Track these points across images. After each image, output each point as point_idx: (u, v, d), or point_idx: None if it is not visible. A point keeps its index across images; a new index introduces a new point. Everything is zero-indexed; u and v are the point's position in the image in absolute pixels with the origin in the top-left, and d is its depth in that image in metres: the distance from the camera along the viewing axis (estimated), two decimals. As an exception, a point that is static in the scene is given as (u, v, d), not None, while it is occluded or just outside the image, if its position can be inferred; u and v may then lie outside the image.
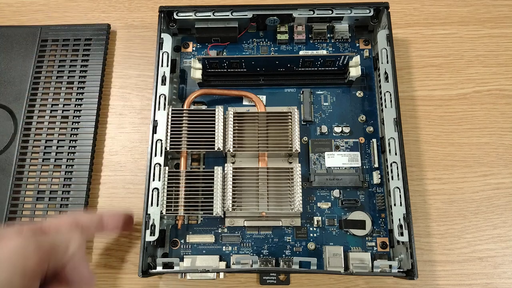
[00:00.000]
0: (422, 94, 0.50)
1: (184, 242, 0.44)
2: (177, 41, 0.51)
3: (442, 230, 0.45)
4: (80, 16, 0.55)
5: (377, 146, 0.46)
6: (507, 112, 0.49)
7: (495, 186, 0.46)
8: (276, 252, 0.43)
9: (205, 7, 0.48)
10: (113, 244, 0.45)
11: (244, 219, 0.44)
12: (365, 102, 0.48)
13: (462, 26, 0.53)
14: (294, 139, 0.43)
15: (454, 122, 0.49)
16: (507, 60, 0.51)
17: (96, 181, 0.47)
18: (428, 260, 0.43)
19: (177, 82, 0.49)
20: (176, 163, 0.46)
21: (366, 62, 0.50)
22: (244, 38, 0.51)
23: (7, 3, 0.56)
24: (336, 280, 0.43)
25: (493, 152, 0.47)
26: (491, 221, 0.45)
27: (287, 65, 0.47)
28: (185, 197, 0.42)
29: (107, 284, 0.44)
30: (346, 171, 0.45)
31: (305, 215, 0.44)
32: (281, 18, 0.49)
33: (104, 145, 0.49)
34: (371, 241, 0.43)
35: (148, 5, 0.55)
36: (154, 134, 0.43)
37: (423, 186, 0.46)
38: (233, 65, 0.46)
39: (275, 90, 0.49)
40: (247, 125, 0.44)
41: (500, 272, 0.43)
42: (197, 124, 0.44)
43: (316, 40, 0.50)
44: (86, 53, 0.51)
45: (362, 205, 0.44)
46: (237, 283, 0.43)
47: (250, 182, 0.42)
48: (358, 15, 0.48)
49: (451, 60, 0.51)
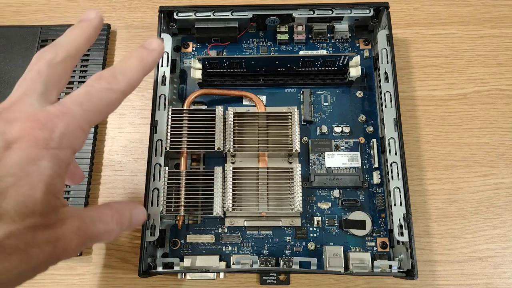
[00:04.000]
0: (422, 94, 0.50)
1: (184, 242, 0.44)
2: (177, 41, 0.51)
3: (442, 230, 0.45)
4: (80, 16, 0.54)
5: (377, 146, 0.46)
6: (507, 112, 0.49)
7: (495, 186, 0.46)
8: (276, 252, 0.43)
9: (205, 7, 0.48)
10: (113, 244, 0.45)
11: (244, 219, 0.44)
12: (365, 102, 0.48)
13: (462, 26, 0.53)
14: (294, 139, 0.43)
15: (454, 122, 0.49)
16: (507, 60, 0.51)
17: (96, 181, 0.47)
18: (428, 260, 0.43)
19: (177, 82, 0.49)
20: (176, 163, 0.46)
21: (366, 62, 0.50)
22: (244, 38, 0.51)
23: (7, 3, 0.56)
24: (336, 280, 0.43)
25: (493, 152, 0.47)
26: (491, 221, 0.45)
27: (287, 65, 0.47)
28: (185, 197, 0.42)
29: (107, 284, 0.44)
30: (346, 171, 0.45)
31: (305, 215, 0.44)
32: (281, 18, 0.49)
33: (104, 145, 0.49)
34: (371, 241, 0.43)
35: (148, 5, 0.55)
36: (154, 134, 0.43)
37: (423, 186, 0.46)
38: (233, 65, 0.46)
39: (275, 90, 0.49)
40: (247, 125, 0.44)
41: (500, 272, 0.43)
42: (197, 124, 0.44)
43: (316, 40, 0.50)
44: (86, 53, 0.51)
45: (362, 205, 0.44)
46: (237, 283, 0.43)
47: (250, 182, 0.42)
48: (358, 15, 0.48)
49: (451, 60, 0.51)
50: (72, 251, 0.24)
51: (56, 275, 0.44)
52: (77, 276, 0.44)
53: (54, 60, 0.26)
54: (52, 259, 0.23)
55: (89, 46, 0.29)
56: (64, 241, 0.23)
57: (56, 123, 0.23)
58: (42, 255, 0.22)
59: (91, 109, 0.25)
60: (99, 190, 0.47)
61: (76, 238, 0.24)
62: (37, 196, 0.22)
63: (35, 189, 0.22)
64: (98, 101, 0.25)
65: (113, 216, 0.27)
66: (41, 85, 0.25)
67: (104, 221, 0.26)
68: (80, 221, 0.24)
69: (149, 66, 0.29)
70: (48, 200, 0.22)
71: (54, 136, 0.23)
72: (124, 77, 0.27)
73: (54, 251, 0.23)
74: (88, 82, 0.26)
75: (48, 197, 0.23)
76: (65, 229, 0.23)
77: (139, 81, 0.28)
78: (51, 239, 0.23)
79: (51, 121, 0.23)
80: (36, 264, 0.22)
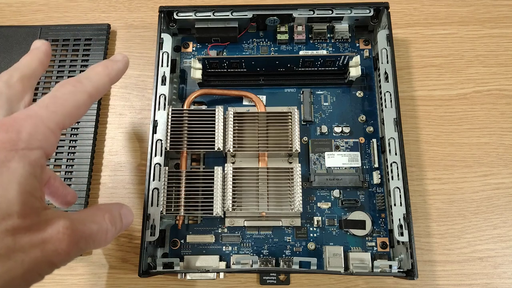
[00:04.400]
0: (422, 94, 0.50)
1: (184, 242, 0.44)
2: (177, 41, 0.51)
3: (442, 230, 0.45)
4: (80, 16, 0.55)
5: (377, 146, 0.46)
6: (507, 112, 0.49)
7: (495, 186, 0.46)
8: (276, 252, 0.43)
9: (205, 7, 0.48)
10: (113, 244, 0.45)
11: (244, 219, 0.44)
12: (365, 102, 0.48)
13: (462, 26, 0.53)
14: (294, 139, 0.43)
15: (454, 122, 0.49)
16: (507, 60, 0.51)
17: (96, 181, 0.47)
18: (428, 260, 0.43)
19: (177, 82, 0.49)
20: (176, 163, 0.46)
21: (366, 62, 0.50)
22: (244, 38, 0.51)
23: (7, 3, 0.56)
24: (336, 280, 0.43)
25: (493, 152, 0.47)
26: (491, 221, 0.45)
27: (287, 65, 0.47)
28: (185, 197, 0.42)
29: (107, 284, 0.44)
30: (346, 171, 0.45)
31: (305, 215, 0.44)
32: (281, 18, 0.49)
33: (104, 145, 0.49)
34: (371, 241, 0.43)
35: (148, 5, 0.55)
36: (154, 134, 0.43)
37: (423, 186, 0.46)
38: (233, 65, 0.46)
39: (275, 90, 0.49)
40: (247, 125, 0.44)
41: (500, 272, 0.43)
42: (197, 124, 0.44)
43: (316, 40, 0.50)
44: (86, 53, 0.51)
45: (362, 205, 0.44)
46: (237, 283, 0.43)
47: (250, 182, 0.42)
48: (358, 15, 0.48)
49: (451, 60, 0.51)
50: (64, 253, 0.23)
51: (56, 275, 0.44)
52: (77, 276, 0.44)
53: (10, 81, 0.28)
54: (43, 264, 0.22)
55: (45, 67, 0.31)
56: (53, 243, 0.22)
57: (23, 125, 0.23)
58: (28, 260, 0.21)
59: (58, 110, 0.25)
60: (99, 190, 0.47)
61: (67, 238, 0.23)
62: (10, 196, 0.21)
63: (8, 189, 0.21)
64: (64, 102, 0.26)
65: (105, 215, 0.27)
66: (4, 101, 0.27)
67: (96, 221, 0.26)
68: (69, 220, 0.23)
69: (114, 73, 0.30)
70: (24, 200, 0.22)
71: (22, 136, 0.23)
72: (89, 81, 0.28)
73: (43, 255, 0.22)
74: (54, 88, 0.27)
75: (24, 197, 0.22)
76: (51, 230, 0.22)
77: (105, 87, 0.29)
78: (35, 242, 0.22)
79: (17, 123, 0.23)
80: (24, 271, 0.21)
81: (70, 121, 0.26)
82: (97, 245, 0.26)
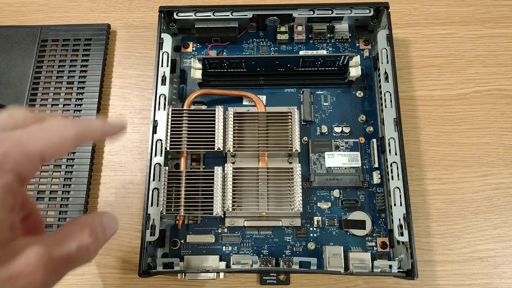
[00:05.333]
0: (422, 94, 0.50)
1: (184, 242, 0.44)
2: (177, 41, 0.51)
3: (442, 230, 0.44)
4: (80, 16, 0.55)
5: (377, 146, 0.46)
6: (507, 112, 0.49)
7: (495, 186, 0.46)
8: (276, 252, 0.43)
9: (205, 7, 0.48)
10: (113, 244, 0.45)
11: (244, 219, 0.44)
12: (365, 102, 0.48)
13: (462, 26, 0.53)
14: (294, 139, 0.43)
15: (454, 122, 0.49)
16: (507, 60, 0.51)
17: (96, 181, 0.47)
18: (428, 260, 0.43)
19: (177, 82, 0.49)
20: (176, 163, 0.46)
21: (366, 62, 0.50)
22: (244, 38, 0.51)
23: (7, 3, 0.56)
24: (336, 280, 0.43)
25: (493, 152, 0.47)
26: (491, 221, 0.45)
27: (287, 65, 0.47)
28: (185, 197, 0.42)
29: (107, 284, 0.44)
30: (346, 171, 0.45)
31: (305, 215, 0.44)
32: (281, 18, 0.49)
33: (104, 145, 0.49)
34: (371, 241, 0.43)
35: (148, 5, 0.55)
36: (154, 134, 0.43)
37: (423, 186, 0.46)
38: (233, 65, 0.46)
39: (275, 90, 0.49)
40: (247, 125, 0.44)
41: (500, 272, 0.43)
42: (197, 124, 0.44)
43: (316, 40, 0.50)
44: (86, 53, 0.51)
45: (362, 205, 0.44)
46: (237, 283, 0.43)
47: (250, 182, 0.42)
48: (358, 15, 0.48)
49: (451, 60, 0.51)
50: (40, 285, 0.20)
51: (56, 275, 0.44)
52: (77, 276, 0.44)
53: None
54: None
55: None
56: (24, 277, 0.19)
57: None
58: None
59: (41, 137, 0.23)
60: (99, 190, 0.47)
61: (40, 267, 0.20)
62: None
63: None
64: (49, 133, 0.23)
65: (83, 229, 0.23)
66: None
67: (75, 238, 0.23)
68: (42, 246, 0.21)
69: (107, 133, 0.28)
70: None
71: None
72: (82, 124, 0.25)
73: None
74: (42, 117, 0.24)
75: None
76: (21, 262, 0.20)
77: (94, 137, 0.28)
78: (4, 277, 0.19)
79: None
80: None
81: (50, 154, 0.23)
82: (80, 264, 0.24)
